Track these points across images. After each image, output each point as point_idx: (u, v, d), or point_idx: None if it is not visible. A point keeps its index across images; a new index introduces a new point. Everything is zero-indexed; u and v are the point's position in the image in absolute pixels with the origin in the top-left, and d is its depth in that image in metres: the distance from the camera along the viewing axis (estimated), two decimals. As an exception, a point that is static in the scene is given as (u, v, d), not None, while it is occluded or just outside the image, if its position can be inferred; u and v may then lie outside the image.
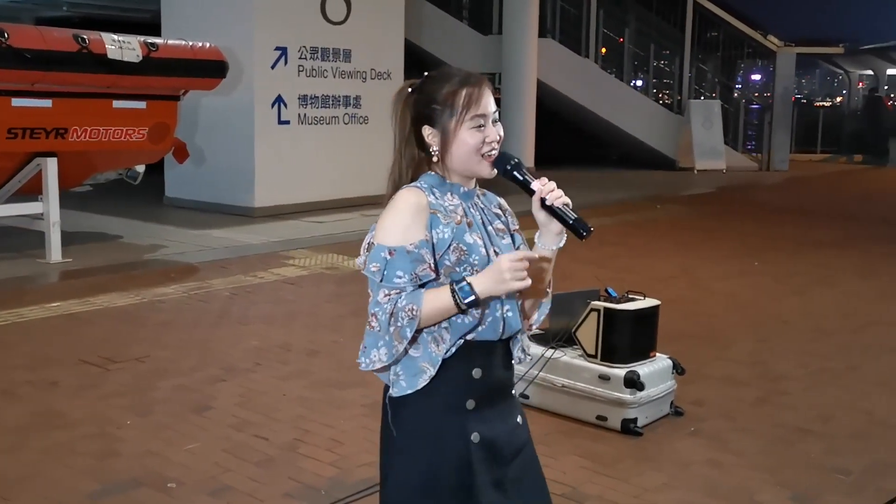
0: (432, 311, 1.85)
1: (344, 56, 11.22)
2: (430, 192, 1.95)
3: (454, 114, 1.93)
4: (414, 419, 1.95)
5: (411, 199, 1.91)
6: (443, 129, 1.94)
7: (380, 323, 1.85)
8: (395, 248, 1.86)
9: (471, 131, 1.94)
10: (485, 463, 1.93)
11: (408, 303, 1.83)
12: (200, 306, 6.50)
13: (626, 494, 3.64)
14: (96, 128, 7.70)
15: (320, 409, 4.52)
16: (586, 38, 17.79)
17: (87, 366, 5.12)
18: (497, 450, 1.96)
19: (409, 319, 1.83)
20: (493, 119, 1.98)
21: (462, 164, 1.96)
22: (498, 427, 1.98)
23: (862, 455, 4.10)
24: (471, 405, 1.94)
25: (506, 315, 1.97)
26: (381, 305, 1.85)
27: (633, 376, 4.22)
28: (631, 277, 7.13)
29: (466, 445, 1.92)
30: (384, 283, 1.86)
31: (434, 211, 1.91)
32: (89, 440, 4.08)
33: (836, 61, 39.42)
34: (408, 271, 1.85)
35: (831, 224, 11.73)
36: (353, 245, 9.05)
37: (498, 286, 1.84)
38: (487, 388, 1.97)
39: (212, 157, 10.63)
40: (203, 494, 3.57)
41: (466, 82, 1.95)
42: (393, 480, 1.98)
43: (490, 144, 1.96)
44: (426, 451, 1.93)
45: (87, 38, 7.36)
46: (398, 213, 1.90)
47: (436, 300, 1.85)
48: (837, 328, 6.40)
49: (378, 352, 1.87)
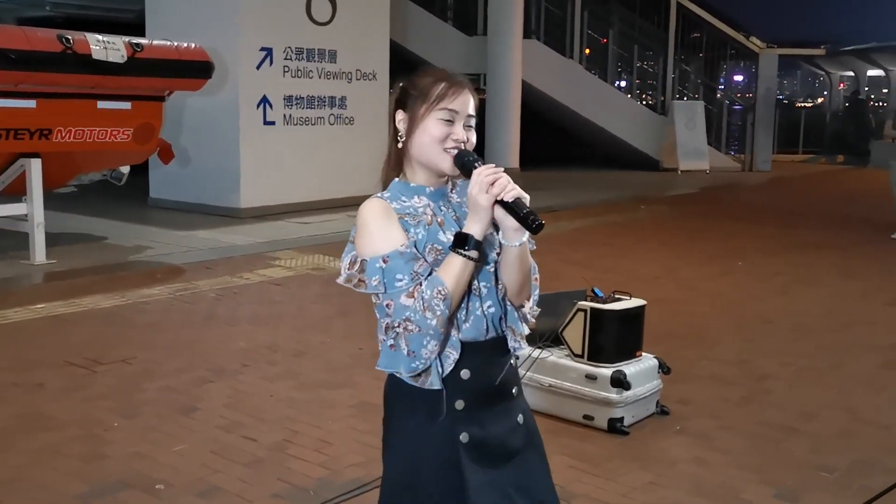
0: (454, 281, 1.84)
1: (329, 57, 11.21)
2: (395, 199, 1.94)
3: (426, 101, 1.93)
4: (403, 419, 1.96)
5: (375, 207, 1.91)
6: (412, 114, 1.95)
7: (418, 323, 1.83)
8: (388, 254, 1.86)
9: (437, 122, 1.92)
10: (477, 463, 1.93)
11: (431, 289, 1.83)
12: (186, 307, 6.49)
13: (613, 493, 3.66)
14: (81, 128, 7.66)
15: (308, 409, 4.52)
16: (571, 40, 17.84)
17: (73, 367, 5.10)
18: (490, 450, 1.96)
19: (443, 300, 1.82)
20: (466, 122, 1.96)
21: (422, 153, 1.94)
22: (492, 427, 1.97)
23: (846, 453, 4.14)
24: (460, 405, 1.94)
25: (487, 312, 1.95)
26: (410, 308, 1.83)
27: (620, 376, 4.24)
28: (616, 278, 7.16)
29: (454, 446, 1.92)
30: (390, 292, 1.85)
31: (401, 216, 1.91)
32: (76, 442, 4.07)
33: (817, 62, 39.71)
34: (406, 272, 1.85)
35: (813, 224, 11.82)
36: (339, 246, 8.97)
37: (480, 210, 1.84)
38: (478, 388, 1.96)
39: (197, 158, 10.59)
40: (191, 496, 3.57)
41: (448, 78, 1.96)
42: (386, 478, 2.00)
43: (455, 142, 1.93)
44: (411, 451, 1.94)
45: (71, 39, 7.33)
46: (370, 223, 1.90)
47: (449, 269, 1.85)
48: (820, 327, 6.46)
49: (429, 346, 1.85)
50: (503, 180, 1.84)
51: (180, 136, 10.34)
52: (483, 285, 1.95)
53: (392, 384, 1.99)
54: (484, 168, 1.86)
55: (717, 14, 19.43)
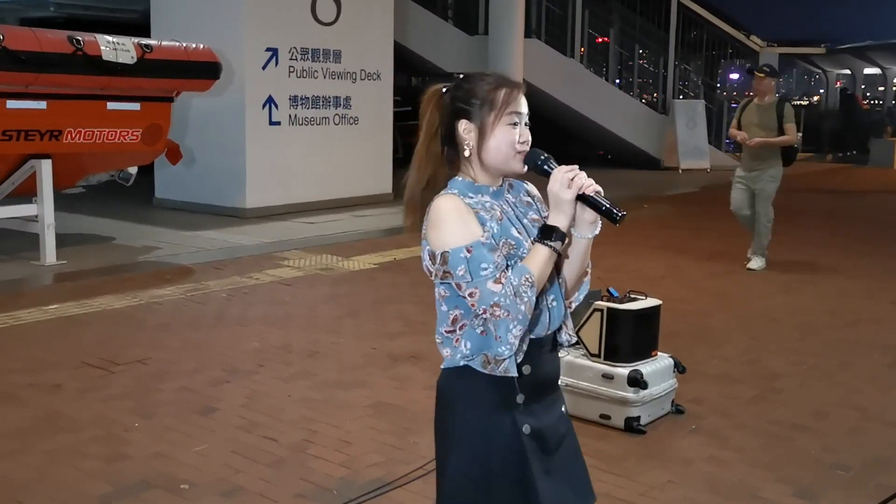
0: (539, 269, 1.92)
1: (334, 57, 11.25)
2: (464, 195, 2.00)
3: (493, 108, 2.00)
4: (468, 414, 2.02)
5: (452, 202, 1.97)
6: (481, 124, 2.00)
7: (507, 308, 1.88)
8: (471, 244, 1.91)
9: (507, 127, 2.01)
10: (536, 453, 2.02)
11: (518, 276, 1.90)
12: (198, 308, 6.53)
13: (632, 492, 3.70)
14: (90, 129, 7.70)
15: (326, 410, 4.56)
16: (571, 39, 17.89)
17: (88, 368, 5.13)
18: (545, 440, 2.05)
19: (530, 287, 1.89)
20: (525, 121, 2.06)
21: (496, 160, 2.02)
22: (545, 418, 2.06)
23: (859, 451, 4.19)
24: (521, 399, 2.02)
25: (551, 306, 2.04)
26: (499, 294, 1.89)
27: (637, 375, 4.29)
28: (622, 277, 7.20)
29: (518, 438, 2.01)
30: (476, 280, 1.90)
31: (476, 210, 1.97)
32: (96, 443, 4.10)
33: (813, 61, 39.76)
34: (490, 261, 1.91)
35: (812, 223, 11.87)
36: (347, 246, 9.12)
37: (564, 205, 1.93)
38: (536, 382, 2.04)
39: (203, 158, 10.63)
40: (215, 495, 3.61)
41: (505, 82, 2.04)
42: (450, 472, 2.05)
43: (523, 143, 2.03)
44: (480, 444, 2.01)
45: (81, 40, 7.36)
46: (448, 218, 1.95)
47: (535, 258, 1.92)
48: (826, 325, 6.50)
49: (514, 331, 1.91)
50: (582, 176, 1.95)
51: (186, 136, 10.36)
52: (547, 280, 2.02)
53: (453, 377, 2.04)
54: (563, 166, 1.97)
55: (718, 13, 19.49)
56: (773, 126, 7.95)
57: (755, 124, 8.06)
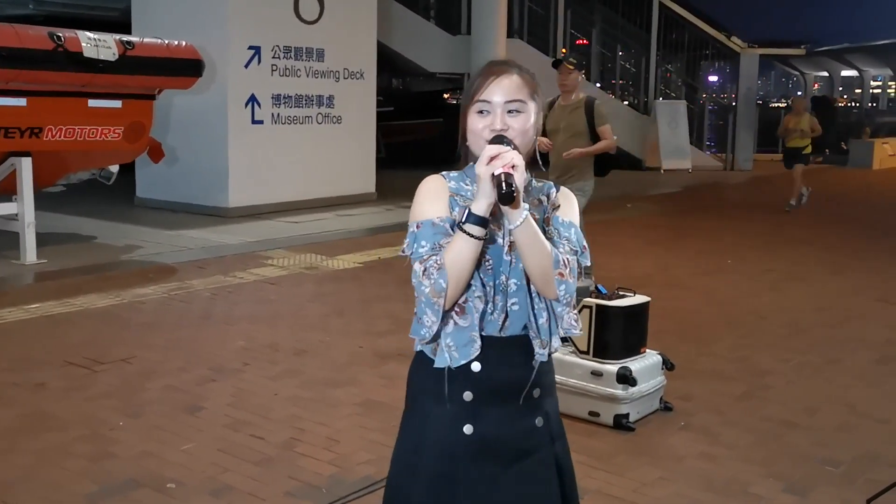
0: (452, 255, 1.85)
1: (317, 55, 11.20)
2: (461, 179, 2.02)
3: (467, 97, 2.00)
4: (417, 398, 2.04)
5: (429, 183, 2.01)
6: (462, 111, 2.03)
7: (417, 289, 1.89)
8: (422, 221, 1.94)
9: (475, 115, 1.97)
10: (476, 456, 1.94)
11: (432, 258, 1.88)
12: (182, 307, 6.46)
13: (624, 489, 3.69)
14: (72, 127, 7.61)
15: (314, 408, 4.52)
16: (554, 39, 17.90)
17: (73, 367, 5.06)
18: (494, 448, 1.95)
19: (438, 269, 1.85)
20: (507, 109, 1.94)
21: (472, 146, 2.00)
22: (502, 427, 1.96)
23: (849, 447, 4.19)
24: (468, 397, 1.95)
25: (510, 309, 1.94)
26: (416, 274, 1.89)
27: (626, 372, 4.27)
28: (608, 276, 7.18)
29: (456, 434, 1.95)
30: (412, 256, 1.91)
31: (453, 194, 1.98)
32: (83, 442, 4.04)
33: (791, 63, 40.08)
34: (430, 241, 1.90)
35: (797, 222, 11.94)
36: (331, 245, 9.07)
37: (481, 183, 1.82)
38: (490, 383, 1.95)
39: (185, 157, 10.54)
40: (204, 494, 3.56)
41: (485, 70, 2.00)
42: (393, 457, 2.07)
43: (492, 132, 1.92)
44: (418, 432, 2.00)
45: (62, 37, 7.28)
46: (419, 195, 1.99)
47: (452, 243, 1.87)
48: (814, 323, 6.52)
49: (426, 315, 1.89)
50: (508, 157, 1.80)
51: (168, 134, 10.29)
52: (513, 282, 1.94)
53: (415, 363, 2.06)
54: (494, 145, 1.84)
55: (699, 14, 19.57)
56: (583, 131, 6.60)
57: (562, 129, 6.58)
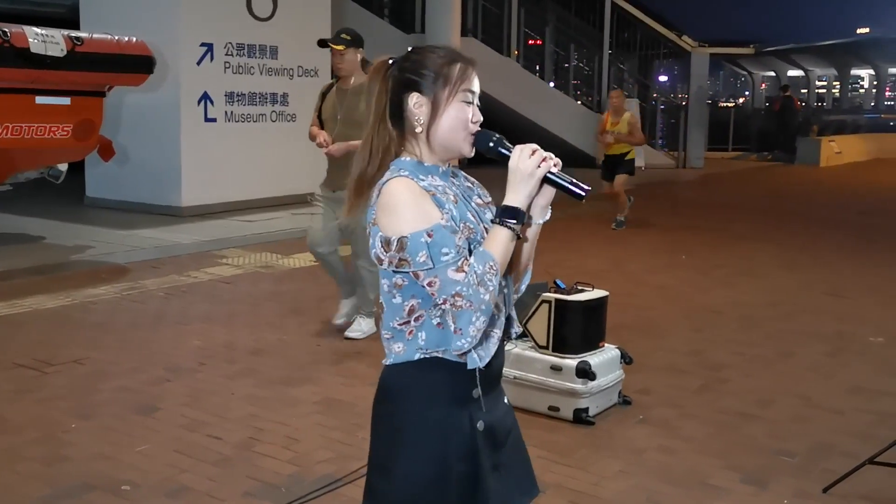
0: (501, 255, 1.79)
1: (271, 53, 11.08)
2: (414, 176, 1.84)
3: (448, 84, 1.86)
4: (422, 411, 1.88)
5: (404, 184, 1.81)
6: (434, 98, 1.86)
7: (470, 298, 1.75)
8: (431, 228, 1.77)
9: (461, 105, 1.87)
10: (487, 449, 1.92)
11: (482, 263, 1.77)
12: (135, 307, 6.35)
13: (585, 482, 3.69)
14: (19, 124, 7.42)
15: (272, 407, 4.46)
16: (508, 38, 17.96)
17: (22, 369, 4.95)
18: (496, 435, 1.95)
19: (495, 275, 1.77)
20: (476, 102, 1.93)
21: (447, 139, 1.88)
22: (495, 412, 1.96)
23: (804, 438, 4.25)
24: (476, 394, 1.91)
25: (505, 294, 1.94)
26: (462, 283, 1.75)
27: (585, 366, 4.28)
28: (564, 272, 7.20)
29: (474, 434, 1.89)
30: (437, 267, 1.76)
31: (431, 192, 1.82)
32: (35, 445, 3.95)
33: (740, 62, 40.72)
34: (451, 246, 1.77)
35: (748, 218, 12.12)
36: (286, 244, 8.98)
37: (530, 182, 1.83)
38: (490, 375, 1.94)
39: (136, 156, 10.36)
40: (160, 496, 3.50)
41: (459, 57, 1.90)
42: (401, 472, 1.89)
43: (476, 124, 1.90)
44: (437, 442, 1.87)
45: (8, 32, 7.10)
46: (403, 201, 1.79)
47: (496, 243, 1.80)
48: (767, 317, 6.61)
49: (476, 324, 1.78)
50: (548, 154, 1.85)
51: (118, 133, 10.09)
52: None
53: (406, 373, 1.89)
54: (525, 145, 1.86)
55: (650, 13, 19.77)
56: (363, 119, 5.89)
57: (341, 119, 5.49)
